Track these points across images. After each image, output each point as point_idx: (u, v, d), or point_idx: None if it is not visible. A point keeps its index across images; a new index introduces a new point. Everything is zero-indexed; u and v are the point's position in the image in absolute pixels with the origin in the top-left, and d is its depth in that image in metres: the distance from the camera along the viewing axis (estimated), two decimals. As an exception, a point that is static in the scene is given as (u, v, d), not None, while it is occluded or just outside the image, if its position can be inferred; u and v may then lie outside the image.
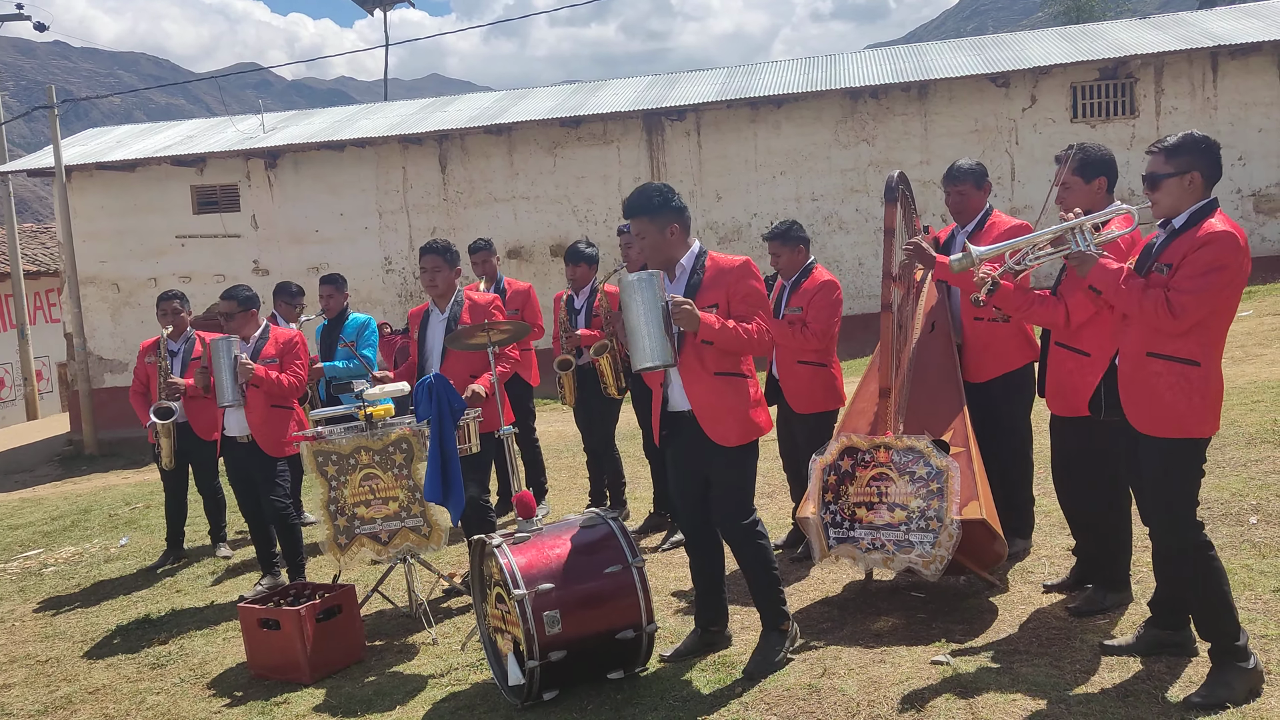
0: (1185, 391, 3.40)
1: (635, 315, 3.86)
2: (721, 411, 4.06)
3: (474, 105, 17.99)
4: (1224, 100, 15.03)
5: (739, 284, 4.05)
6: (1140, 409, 3.49)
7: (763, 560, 4.15)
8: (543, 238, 16.09)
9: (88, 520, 9.28)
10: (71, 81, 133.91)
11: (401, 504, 5.24)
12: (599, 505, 6.66)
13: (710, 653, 4.31)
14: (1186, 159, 3.44)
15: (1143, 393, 3.48)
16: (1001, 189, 15.10)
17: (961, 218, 5.03)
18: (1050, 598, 4.46)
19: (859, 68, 16.59)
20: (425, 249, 5.48)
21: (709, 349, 4.01)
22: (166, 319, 6.93)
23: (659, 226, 4.08)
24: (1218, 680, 3.42)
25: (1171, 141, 3.47)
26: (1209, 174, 3.45)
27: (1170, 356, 3.42)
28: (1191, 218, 3.45)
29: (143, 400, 6.99)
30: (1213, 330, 3.43)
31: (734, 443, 4.08)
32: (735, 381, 4.09)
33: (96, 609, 6.36)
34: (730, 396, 4.07)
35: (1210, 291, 3.33)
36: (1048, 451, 4.45)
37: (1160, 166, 3.48)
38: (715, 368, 4.05)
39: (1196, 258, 3.35)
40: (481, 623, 4.39)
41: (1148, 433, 3.48)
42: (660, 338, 3.85)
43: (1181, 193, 3.45)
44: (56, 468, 15.26)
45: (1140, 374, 3.48)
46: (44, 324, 21.76)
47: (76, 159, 16.75)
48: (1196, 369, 3.40)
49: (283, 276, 16.47)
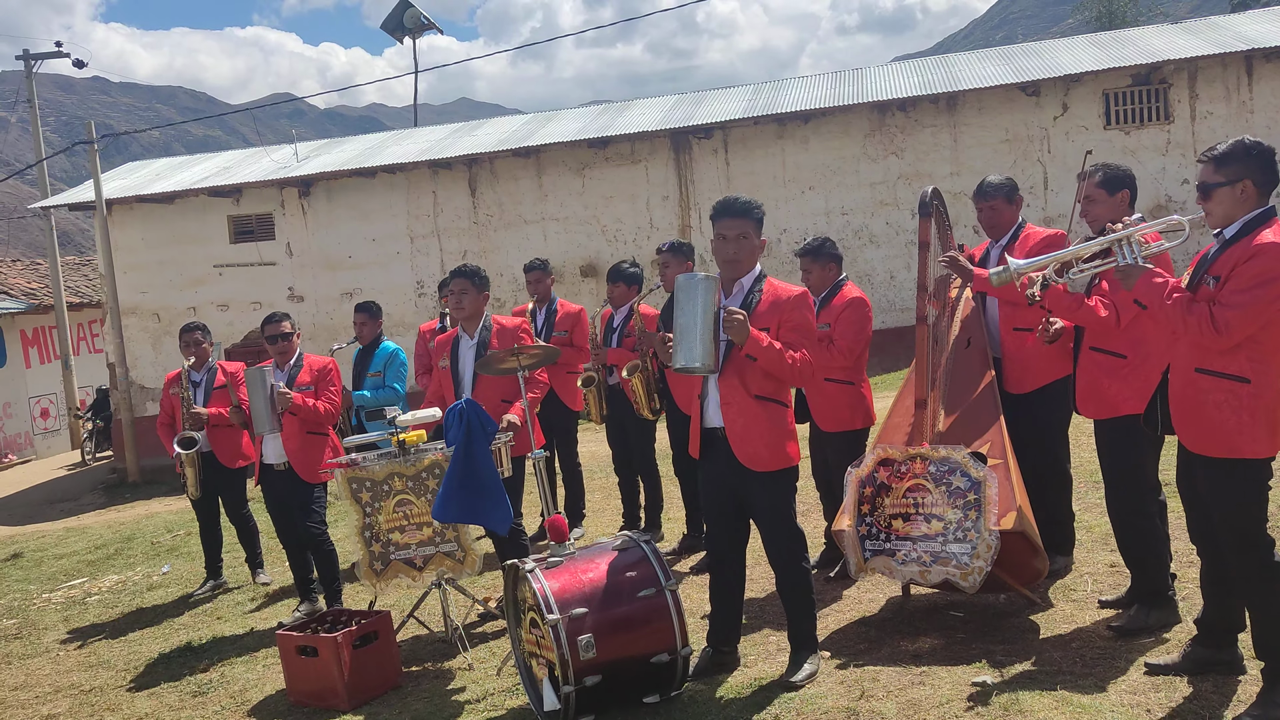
0: (1234, 409, 3.29)
1: (688, 314, 3.87)
2: (754, 435, 4.06)
3: (502, 129, 18.13)
4: (1260, 104, 14.81)
5: (793, 313, 4.07)
6: (1190, 427, 3.41)
7: (806, 582, 4.19)
8: (572, 258, 16.14)
9: (130, 548, 9.40)
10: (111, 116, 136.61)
11: (436, 529, 5.26)
12: (632, 527, 6.65)
13: (722, 673, 4.28)
14: (1237, 167, 3.32)
15: (1192, 410, 3.39)
16: (1035, 198, 14.96)
17: (994, 233, 5.00)
18: (1094, 615, 4.37)
19: (886, 80, 16.53)
20: (455, 272, 5.53)
21: (752, 369, 4.01)
22: (189, 350, 7.00)
23: (757, 233, 4.15)
24: (1269, 700, 3.34)
25: (1221, 149, 3.36)
26: (1262, 181, 3.32)
27: (1219, 373, 3.31)
28: (1244, 228, 3.32)
29: (169, 431, 7.06)
30: (1266, 346, 3.29)
31: (762, 468, 4.07)
32: (772, 408, 4.09)
33: (139, 637, 6.42)
34: (765, 421, 4.07)
35: (1258, 306, 3.20)
36: (1086, 465, 4.38)
37: (1210, 175, 3.37)
38: (756, 390, 4.06)
39: (1245, 270, 3.23)
40: (516, 648, 4.38)
41: (1198, 452, 3.39)
42: (708, 341, 3.86)
43: (1234, 202, 3.33)
44: (100, 496, 15.47)
45: (1190, 390, 3.39)
46: (87, 354, 22.13)
47: (116, 192, 17.07)
48: (1246, 386, 3.28)
49: (317, 303, 16.68)
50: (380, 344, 7.30)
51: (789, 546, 4.16)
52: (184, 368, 7.00)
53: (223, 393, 6.89)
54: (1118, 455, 4.17)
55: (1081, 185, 4.25)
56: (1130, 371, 4.03)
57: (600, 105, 19.07)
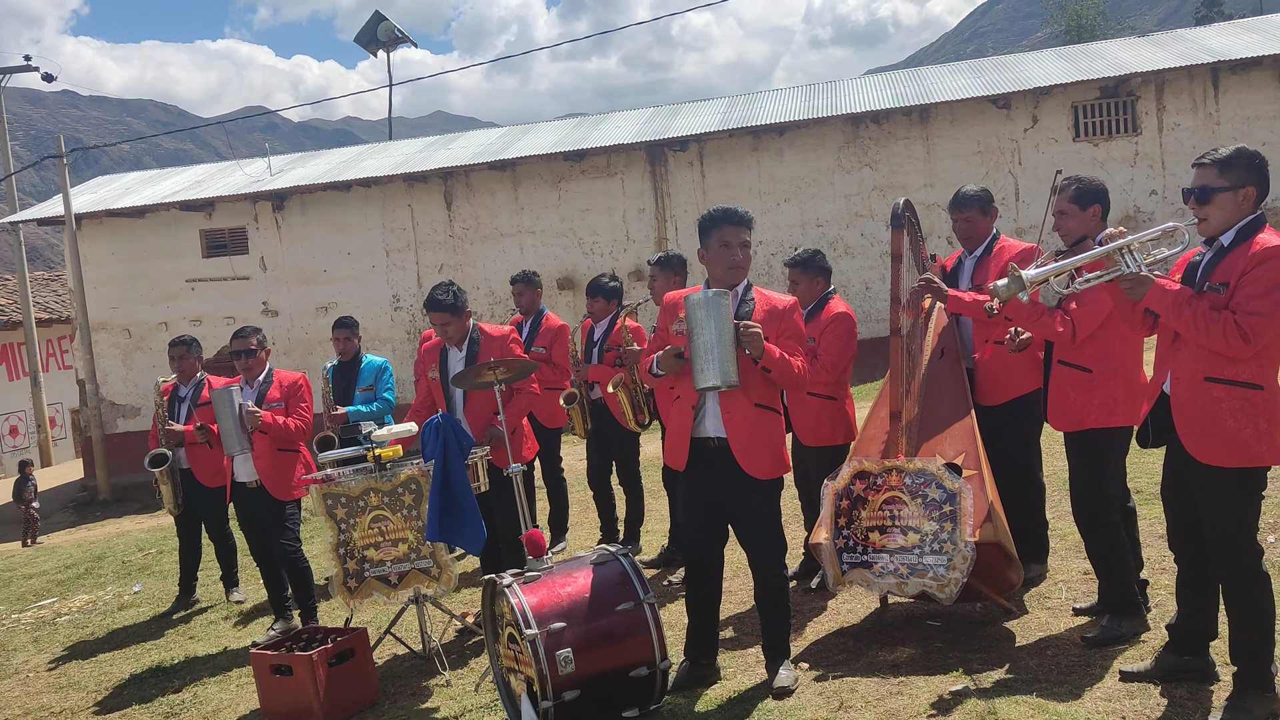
0: (1251, 417, 3.23)
1: (710, 332, 3.89)
2: (759, 443, 4.10)
3: (478, 142, 18.14)
4: (1226, 115, 15.05)
5: (787, 322, 4.13)
6: (1200, 438, 3.31)
7: (784, 593, 4.23)
8: (549, 271, 16.14)
9: (101, 567, 9.28)
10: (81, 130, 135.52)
11: (411, 545, 5.21)
12: (610, 541, 6.63)
13: (701, 686, 4.28)
14: (1242, 173, 3.26)
15: (1202, 420, 3.30)
16: (1006, 209, 15.12)
17: (969, 244, 5.03)
18: (1068, 623, 4.40)
19: (860, 93, 16.67)
20: (430, 306, 5.37)
21: (754, 379, 4.03)
22: (174, 364, 6.94)
23: (749, 241, 4.17)
24: (1238, 705, 3.37)
25: (1225, 154, 3.28)
26: (1262, 190, 3.30)
27: (1232, 381, 3.24)
28: (1240, 234, 3.27)
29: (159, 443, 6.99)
30: (1274, 351, 3.26)
31: (766, 475, 4.12)
32: (771, 415, 4.15)
33: (110, 657, 6.34)
34: (768, 429, 4.12)
35: (1278, 311, 3.14)
36: (1059, 474, 4.42)
37: (1214, 180, 3.27)
38: (757, 399, 4.09)
39: (1258, 276, 3.16)
40: (495, 663, 4.36)
41: (1211, 462, 3.30)
42: (732, 357, 3.89)
43: (1235, 208, 3.27)
44: (71, 514, 15.29)
45: (1199, 400, 3.30)
46: (56, 371, 21.90)
47: (86, 206, 16.92)
48: (1260, 393, 3.24)
49: (292, 318, 16.59)
50: (361, 358, 7.26)
51: (777, 554, 4.19)
52: (171, 380, 6.89)
53: (209, 408, 6.82)
54: (1081, 467, 4.22)
55: (1052, 200, 4.29)
56: (1095, 386, 4.07)
57: (576, 118, 19.11)
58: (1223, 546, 3.36)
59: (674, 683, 4.28)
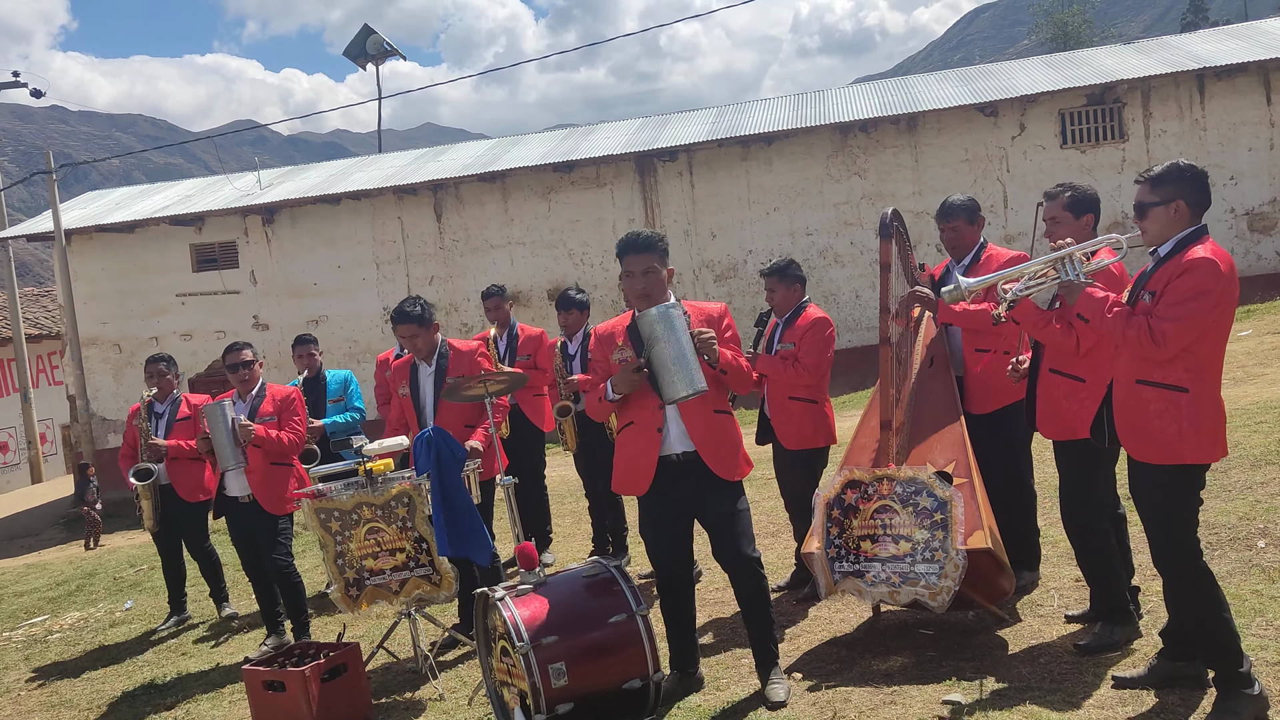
0: (1175, 418, 3.43)
1: (674, 344, 3.92)
2: (726, 448, 4.17)
3: (467, 154, 18.15)
4: (1212, 121, 15.14)
5: (723, 326, 4.21)
6: (1133, 436, 3.54)
7: (765, 596, 4.24)
8: (539, 282, 16.15)
9: (92, 584, 9.23)
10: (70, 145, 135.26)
11: (409, 554, 5.22)
12: (602, 552, 6.63)
13: (690, 695, 4.30)
14: (1171, 188, 3.50)
15: (1135, 420, 3.53)
16: (995, 217, 15.18)
17: (956, 253, 5.05)
18: (1061, 630, 4.41)
19: (848, 102, 16.74)
20: (398, 318, 5.34)
21: (710, 387, 4.05)
22: (152, 381, 6.93)
23: (662, 266, 4.21)
24: (1224, 708, 3.40)
25: (1156, 171, 3.55)
26: (1194, 202, 3.50)
27: (1158, 383, 3.46)
28: (1177, 245, 3.49)
29: (130, 463, 6.95)
30: (1201, 356, 3.45)
31: (737, 476, 4.20)
32: (728, 419, 4.25)
33: (102, 675, 6.30)
34: (730, 432, 4.22)
35: (1193, 319, 3.36)
36: (1050, 481, 4.43)
37: (1146, 196, 3.54)
38: (714, 405, 4.17)
39: (1178, 285, 3.40)
40: (488, 677, 4.35)
41: (1142, 460, 3.52)
42: (696, 366, 3.94)
43: (1168, 221, 3.50)
44: (62, 531, 15.19)
45: (1132, 401, 3.53)
46: (47, 387, 21.82)
47: (76, 222, 16.88)
48: (1185, 395, 3.43)
49: (282, 331, 16.55)
50: (322, 373, 7.31)
51: (753, 552, 4.20)
52: (145, 399, 6.90)
53: (185, 425, 6.82)
54: (1071, 475, 4.25)
55: (1043, 205, 4.34)
56: (1088, 395, 4.09)
57: (565, 129, 19.15)
58: (1160, 543, 3.51)
59: (665, 693, 4.29)
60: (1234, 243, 15.04)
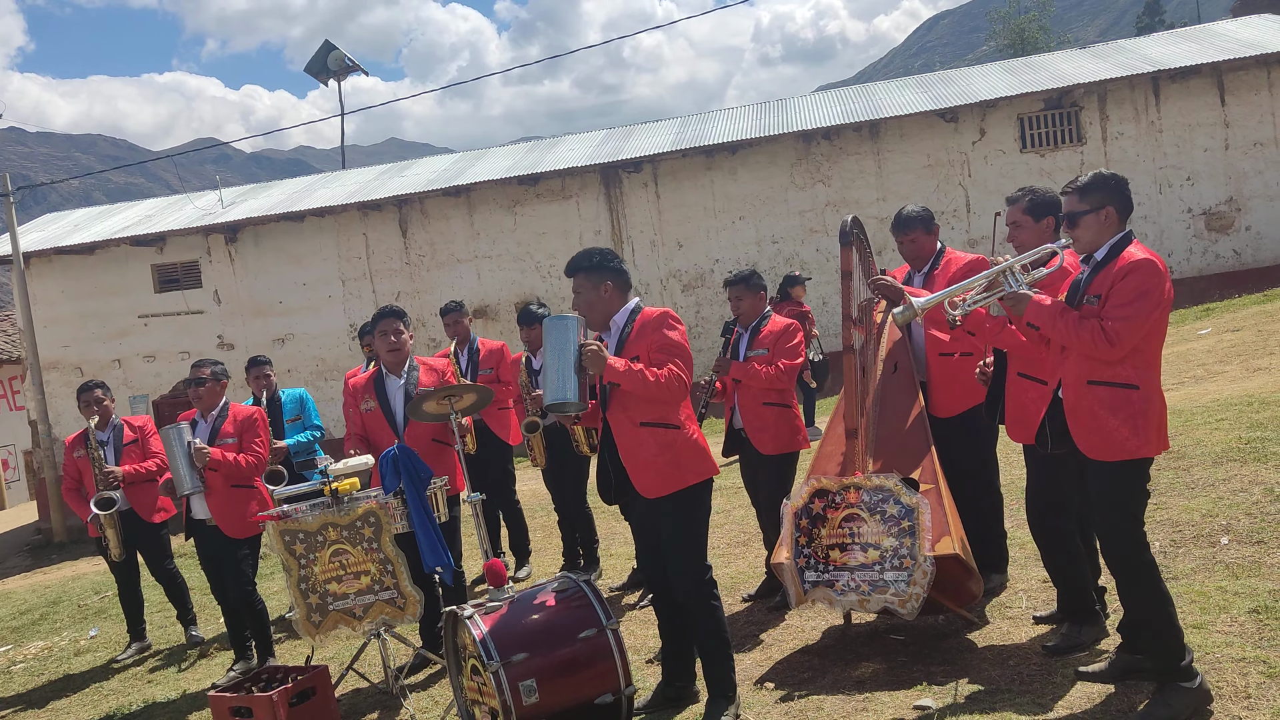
0: (1129, 415, 3.52)
1: (550, 353, 4.01)
2: (642, 462, 4.09)
3: (432, 168, 18.08)
4: (1168, 123, 15.37)
5: (655, 334, 4.13)
6: (1088, 436, 3.60)
7: (713, 622, 4.10)
8: (507, 296, 16.11)
9: (57, 612, 9.08)
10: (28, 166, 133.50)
11: (374, 577, 5.15)
12: (573, 567, 6.60)
13: (671, 708, 4.27)
14: (1099, 195, 3.63)
15: (1088, 420, 3.60)
16: (958, 221, 15.32)
17: (916, 263, 5.09)
18: (1029, 632, 4.44)
19: (811, 110, 16.85)
20: (382, 313, 5.45)
21: (631, 399, 4.07)
22: (91, 409, 6.77)
23: (593, 284, 4.22)
24: (1159, 700, 3.48)
25: (1083, 181, 3.68)
26: (1121, 207, 3.64)
27: (1110, 382, 3.56)
28: (1111, 250, 3.62)
29: (77, 496, 6.79)
30: (1146, 354, 3.57)
31: (654, 494, 4.09)
32: (659, 432, 4.09)
33: (67, 705, 6.19)
34: (651, 447, 4.08)
35: (1140, 317, 3.48)
36: (1016, 483, 4.46)
37: (1076, 205, 3.66)
38: (640, 418, 4.10)
39: (1123, 286, 3.50)
40: (459, 696, 4.31)
41: (1097, 458, 3.59)
42: (568, 376, 3.95)
43: (1100, 227, 3.63)
44: (26, 558, 14.93)
45: (1084, 402, 3.61)
46: (7, 412, 21.48)
47: (34, 245, 16.65)
48: (1136, 392, 3.54)
49: (248, 350, 16.37)
50: (278, 393, 7.33)
51: (695, 579, 4.07)
52: (89, 427, 6.75)
53: (133, 449, 6.73)
54: (1038, 478, 4.28)
55: (998, 219, 4.40)
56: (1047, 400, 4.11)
57: (530, 142, 19.13)
58: (1110, 537, 3.59)
59: (647, 702, 4.27)
60: (1192, 242, 15.27)
